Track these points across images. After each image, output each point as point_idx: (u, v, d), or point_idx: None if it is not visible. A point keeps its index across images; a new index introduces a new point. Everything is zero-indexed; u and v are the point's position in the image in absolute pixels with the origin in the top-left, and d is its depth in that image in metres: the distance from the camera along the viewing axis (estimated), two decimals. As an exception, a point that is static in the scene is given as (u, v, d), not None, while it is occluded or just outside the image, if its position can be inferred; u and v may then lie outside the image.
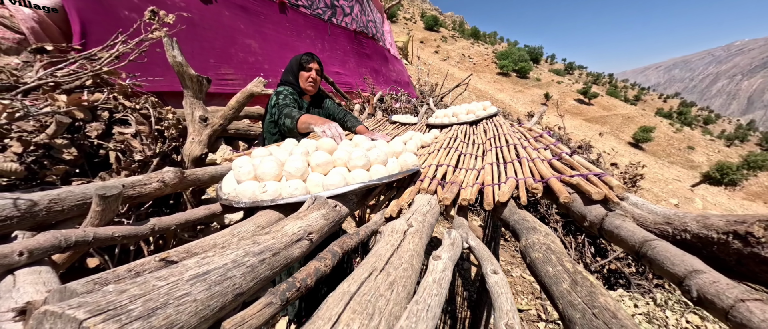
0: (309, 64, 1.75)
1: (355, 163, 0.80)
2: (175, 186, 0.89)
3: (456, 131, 1.75)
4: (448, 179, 0.94)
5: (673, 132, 42.34)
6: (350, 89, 4.43)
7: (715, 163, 27.61)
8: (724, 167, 24.98)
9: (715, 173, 25.07)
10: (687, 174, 27.24)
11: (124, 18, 2.13)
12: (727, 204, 18.79)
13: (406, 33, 30.86)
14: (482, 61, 41.29)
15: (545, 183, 0.72)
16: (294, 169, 0.75)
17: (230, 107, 1.41)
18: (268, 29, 3.39)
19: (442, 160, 1.12)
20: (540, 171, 0.81)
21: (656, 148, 36.66)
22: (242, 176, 0.78)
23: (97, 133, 1.05)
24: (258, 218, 0.64)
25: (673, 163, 32.13)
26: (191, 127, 1.35)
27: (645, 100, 71.67)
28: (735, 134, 54.54)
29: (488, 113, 2.05)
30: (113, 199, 0.59)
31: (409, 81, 7.05)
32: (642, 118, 42.58)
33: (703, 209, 15.11)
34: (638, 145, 34.23)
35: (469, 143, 1.48)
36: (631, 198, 0.59)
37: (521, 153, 1.01)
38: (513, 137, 1.31)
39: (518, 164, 0.93)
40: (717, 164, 25.95)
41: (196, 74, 1.32)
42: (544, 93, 36.84)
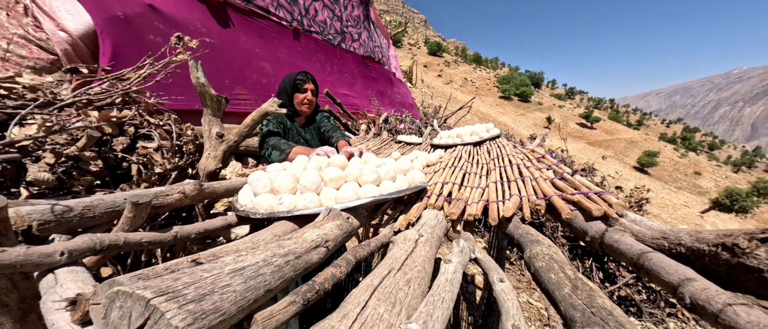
0: (304, 85, 1.71)
1: (365, 179, 0.85)
2: (193, 198, 0.94)
3: (460, 151, 1.80)
4: (454, 196, 0.97)
5: (679, 157, 42.07)
6: (357, 110, 4.57)
7: (723, 189, 27.16)
8: (733, 193, 24.52)
9: (724, 199, 24.58)
10: (695, 200, 26.73)
11: (149, 41, 2.29)
12: (739, 232, 18.17)
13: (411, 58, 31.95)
14: (484, 85, 42.23)
15: (548, 200, 0.76)
16: (309, 183, 0.79)
17: (245, 125, 1.48)
18: (281, 53, 3.58)
19: (448, 178, 1.16)
20: (542, 189, 0.84)
21: (662, 173, 36.28)
22: (260, 189, 0.83)
23: (122, 146, 1.12)
24: (275, 228, 0.68)
25: (680, 188, 31.64)
26: (208, 142, 1.41)
27: (647, 124, 71.92)
28: (742, 160, 53.95)
29: (491, 135, 2.11)
30: (144, 207, 0.63)
31: (413, 103, 7.24)
32: (646, 143, 42.52)
33: (715, 236, 14.66)
34: (644, 169, 33.96)
35: (473, 163, 1.53)
36: (629, 215, 0.62)
37: (524, 172, 1.05)
38: (516, 158, 1.35)
39: (522, 182, 0.96)
40: (726, 190, 25.50)
41: (216, 94, 1.41)
42: (546, 116, 37.22)
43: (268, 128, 1.64)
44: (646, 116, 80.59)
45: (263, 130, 1.66)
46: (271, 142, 1.56)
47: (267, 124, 1.66)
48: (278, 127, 1.70)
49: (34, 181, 0.87)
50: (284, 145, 1.50)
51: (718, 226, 16.95)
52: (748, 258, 0.36)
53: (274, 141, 1.55)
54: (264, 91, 3.25)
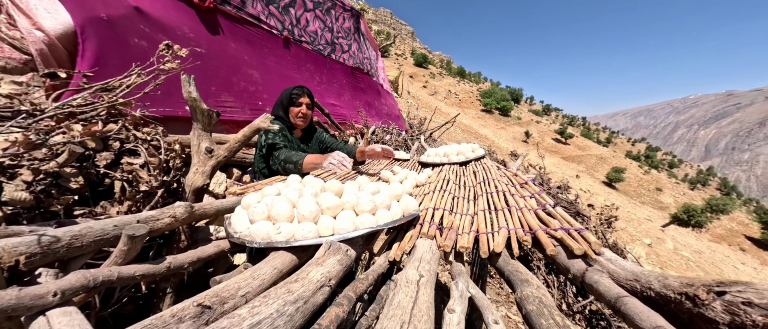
0: (299, 99, 1.80)
1: (362, 208, 0.87)
2: (184, 220, 0.92)
3: (447, 172, 1.87)
4: (445, 223, 1.01)
5: (643, 174, 45.16)
6: (344, 120, 4.59)
7: (681, 204, 29.37)
8: (690, 209, 26.61)
9: (682, 215, 26.60)
10: (657, 215, 28.71)
11: (133, 45, 2.21)
12: (695, 245, 19.74)
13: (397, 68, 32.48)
14: (467, 98, 43.60)
15: (533, 234, 0.81)
16: (307, 212, 0.80)
17: (236, 140, 1.46)
18: (270, 61, 3.55)
19: (438, 203, 1.20)
20: (528, 221, 0.90)
21: (628, 188, 38.74)
22: (256, 216, 0.83)
23: (106, 162, 1.07)
24: (274, 261, 0.68)
25: (644, 203, 33.91)
26: (196, 157, 1.38)
27: (615, 142, 76.92)
28: (697, 178, 58.83)
29: (476, 155, 2.20)
30: (140, 239, 0.62)
31: (399, 114, 7.36)
32: (614, 159, 45.40)
33: (675, 249, 15.81)
34: (612, 184, 36.06)
35: (461, 185, 1.59)
36: (606, 253, 0.68)
37: (510, 201, 1.11)
38: (501, 183, 1.42)
39: (508, 212, 1.02)
40: (684, 206, 27.63)
41: (207, 109, 1.39)
42: (524, 131, 38.87)
43: (274, 141, 1.63)
44: (614, 134, 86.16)
45: (269, 141, 1.65)
46: (281, 157, 1.57)
47: (273, 136, 1.65)
48: (282, 138, 1.70)
49: (9, 201, 0.82)
50: (296, 157, 1.54)
51: (677, 240, 18.25)
52: (706, 309, 0.42)
53: (285, 154, 1.57)
54: (251, 98, 3.20)
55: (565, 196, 3.91)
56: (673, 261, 13.50)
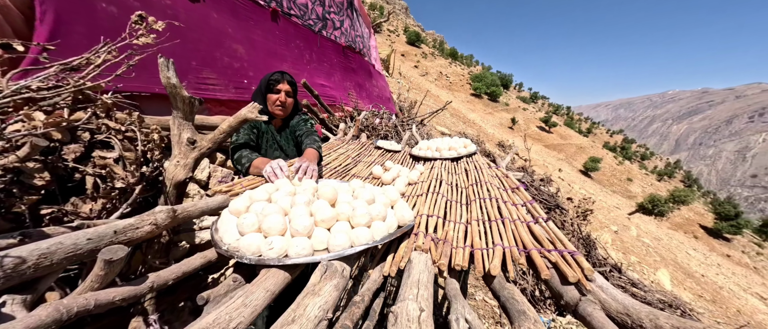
0: (277, 85, 1.63)
1: (358, 221, 0.84)
2: (166, 226, 0.86)
3: (439, 169, 1.86)
4: (439, 233, 1.01)
5: (617, 164, 47.48)
6: (334, 102, 4.44)
7: (648, 195, 31.43)
8: (655, 199, 28.55)
9: (647, 204, 28.54)
10: (625, 203, 30.65)
11: (101, 11, 1.97)
12: (655, 232, 21.40)
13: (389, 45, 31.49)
14: (458, 81, 43.30)
15: (527, 253, 0.82)
16: (301, 227, 0.77)
17: (221, 132, 1.37)
18: (256, 35, 3.31)
19: (432, 209, 1.19)
20: (522, 237, 0.91)
21: (602, 178, 40.77)
22: (246, 228, 0.78)
23: (75, 155, 0.98)
24: (266, 282, 0.65)
25: (615, 192, 35.99)
26: (177, 148, 1.29)
27: (595, 133, 79.86)
28: (665, 171, 62.65)
29: (468, 151, 2.19)
30: (118, 263, 0.57)
31: (390, 97, 7.21)
32: (592, 149, 47.30)
33: (637, 236, 17.09)
34: (587, 173, 37.79)
35: (453, 186, 1.59)
36: (597, 279, 0.70)
37: (504, 211, 1.12)
38: (493, 187, 1.43)
39: (502, 224, 1.03)
40: (649, 196, 29.59)
41: (189, 96, 1.28)
42: (510, 117, 39.42)
43: (236, 139, 1.56)
44: (595, 125, 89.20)
45: (233, 140, 1.57)
46: (235, 156, 1.52)
47: (237, 133, 1.56)
48: (250, 134, 1.61)
49: (-39, 204, 0.73)
50: (245, 160, 1.48)
51: (640, 227, 19.68)
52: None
53: (238, 155, 1.51)
54: (236, 76, 3.01)
55: (547, 189, 4.05)
56: (635, 247, 14.62)
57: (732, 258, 29.08)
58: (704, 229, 36.49)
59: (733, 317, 12.23)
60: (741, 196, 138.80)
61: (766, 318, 14.51)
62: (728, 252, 31.51)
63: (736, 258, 29.99)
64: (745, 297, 16.42)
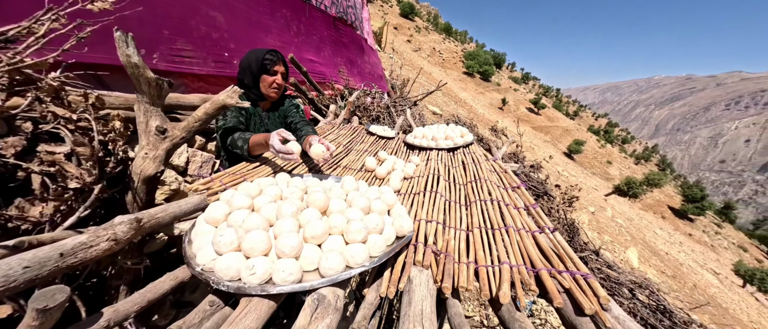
0: (274, 66, 1.49)
1: (353, 237, 0.75)
2: (129, 239, 0.74)
3: (436, 161, 1.77)
4: (438, 242, 0.94)
5: (599, 147, 49.05)
6: (323, 79, 4.19)
7: (625, 177, 32.97)
8: (631, 182, 30.00)
9: (623, 186, 30.00)
10: (603, 185, 32.08)
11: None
12: (628, 213, 22.69)
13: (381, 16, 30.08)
14: (451, 58, 42.38)
15: (536, 273, 0.77)
16: (289, 248, 0.67)
17: (196, 119, 1.21)
18: (237, 2, 2.97)
19: (430, 212, 1.12)
20: (529, 252, 0.85)
21: (584, 160, 42.19)
22: (223, 247, 0.68)
23: (15, 150, 0.82)
24: (246, 318, 0.56)
25: (594, 173, 37.49)
26: (144, 138, 1.13)
27: (581, 116, 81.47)
28: (642, 154, 65.38)
29: (465, 141, 2.11)
30: (57, 309, 0.46)
31: (382, 74, 6.92)
32: (577, 132, 48.44)
33: (612, 217, 18.06)
34: (571, 155, 38.94)
35: (451, 182, 1.51)
36: (613, 309, 0.65)
37: (507, 218, 1.05)
38: (493, 185, 1.36)
39: (506, 234, 0.96)
40: (626, 179, 31.04)
41: (156, 77, 1.10)
42: (501, 98, 39.41)
43: (224, 123, 1.39)
44: (582, 108, 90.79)
45: (220, 124, 1.41)
46: (227, 142, 1.35)
47: (224, 116, 1.40)
48: (239, 116, 1.45)
49: None
50: (241, 142, 1.33)
51: (615, 208, 20.77)
52: None
53: (231, 140, 1.35)
54: (215, 48, 2.73)
55: (537, 176, 4.08)
56: (609, 227, 15.49)
57: (693, 237, 31.44)
58: (672, 210, 39.00)
59: (689, 291, 13.40)
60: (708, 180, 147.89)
61: (717, 291, 15.96)
62: (690, 231, 34.01)
63: (697, 237, 32.46)
64: (701, 272, 17.94)
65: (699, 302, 11.07)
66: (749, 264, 25.36)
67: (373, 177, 1.52)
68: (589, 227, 12.80)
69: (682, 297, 8.22)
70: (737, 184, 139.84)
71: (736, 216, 49.17)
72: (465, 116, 12.29)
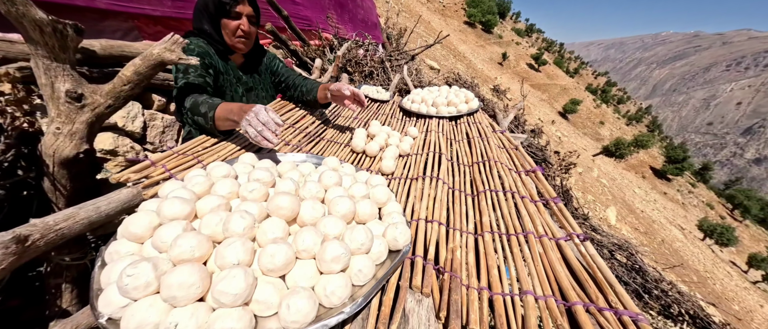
0: (236, 7, 1.13)
1: (330, 267, 0.54)
2: (5, 270, 0.51)
3: (436, 134, 1.52)
4: (441, 253, 0.75)
5: (594, 107, 48.74)
6: (309, 26, 3.64)
7: (614, 138, 33.43)
8: (619, 143, 30.53)
9: (612, 147, 30.59)
10: (593, 145, 32.60)
11: None
12: (612, 173, 23.49)
13: (378, -49, 26.56)
14: (452, 5, 39.05)
15: (569, 307, 0.59)
16: (230, 298, 0.46)
17: (125, 80, 0.90)
18: None
19: (430, 206, 0.91)
20: (556, 274, 0.67)
21: (577, 120, 42.20)
22: (134, 291, 0.46)
23: None
24: None
25: (585, 134, 37.82)
26: (53, 107, 0.84)
27: (581, 74, 79.33)
28: (635, 115, 65.65)
29: (470, 108, 1.84)
30: None
31: (377, 21, 6.17)
32: (575, 91, 47.56)
33: (597, 177, 18.64)
34: (565, 114, 38.76)
35: (454, 161, 1.29)
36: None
37: (525, 219, 0.86)
38: (504, 169, 1.15)
39: (525, 241, 0.78)
40: (615, 139, 31.52)
41: (51, 19, 0.76)
42: (502, 52, 37.56)
43: (185, 80, 1.07)
44: (583, 65, 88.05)
45: (179, 82, 1.09)
46: (187, 105, 1.04)
47: (185, 72, 1.08)
48: (204, 75, 1.12)
49: None
50: (205, 107, 1.00)
51: (600, 168, 21.36)
52: None
53: (192, 103, 1.03)
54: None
55: (537, 142, 3.90)
56: (593, 187, 16.06)
57: (667, 195, 33.30)
58: (652, 170, 40.59)
59: (658, 246, 14.51)
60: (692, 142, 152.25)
61: (681, 245, 17.36)
62: (666, 190, 35.89)
63: (671, 195, 34.39)
64: (669, 228, 19.32)
65: (668, 259, 12.02)
66: (713, 221, 27.44)
67: (361, 157, 1.28)
68: (575, 187, 13.18)
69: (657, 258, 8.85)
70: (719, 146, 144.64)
71: (711, 177, 51.75)
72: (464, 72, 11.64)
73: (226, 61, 1.26)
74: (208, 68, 1.13)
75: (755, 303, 13.50)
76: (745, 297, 14.01)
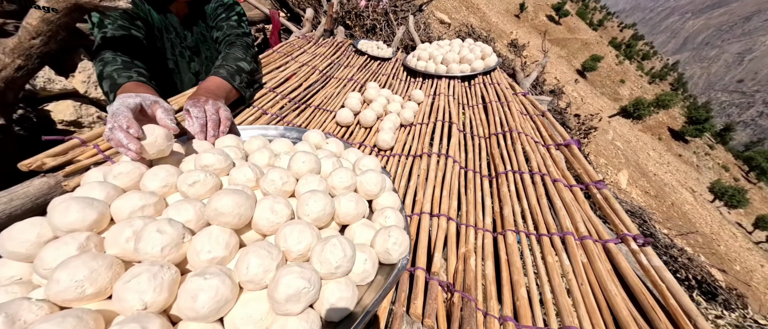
0: None
1: (285, 309, 0.37)
2: None
3: (445, 98, 1.27)
4: (450, 260, 0.58)
5: (616, 64, 45.48)
6: (301, -29, 3.14)
7: (634, 98, 31.59)
8: (639, 103, 28.89)
9: (630, 108, 29.05)
10: (610, 106, 31.02)
11: None
12: (627, 135, 22.63)
13: None
14: (466, -53, 34.94)
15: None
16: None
17: (31, 31, 0.68)
18: None
19: (437, 193, 0.72)
20: (608, 295, 0.49)
21: (596, 78, 39.71)
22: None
23: None
24: None
25: (603, 94, 35.78)
26: (-62, 70, 0.63)
27: (606, 26, 72.80)
28: (659, 73, 61.28)
29: (486, 66, 1.55)
30: None
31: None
32: (597, 46, 44.07)
33: (612, 139, 17.98)
34: (583, 72, 36.44)
35: (467, 132, 1.06)
36: None
37: (560, 213, 0.66)
38: (529, 142, 0.93)
39: (561, 244, 0.59)
40: (635, 100, 29.80)
41: None
42: (519, 2, 34.31)
43: (102, 34, 0.83)
44: (609, 17, 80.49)
45: (97, 35, 0.85)
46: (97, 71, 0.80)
47: (101, 25, 0.84)
48: (131, 27, 0.87)
49: None
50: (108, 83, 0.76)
51: (616, 130, 20.53)
52: None
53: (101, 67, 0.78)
54: None
55: (556, 103, 3.54)
56: (607, 150, 15.55)
57: (682, 157, 32.35)
58: (670, 131, 38.94)
59: (667, 209, 14.39)
60: (717, 101, 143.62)
61: (690, 208, 17.22)
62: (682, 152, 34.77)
63: (686, 158, 33.40)
64: (680, 191, 19.04)
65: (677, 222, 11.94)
66: (726, 183, 26.88)
67: (353, 128, 1.06)
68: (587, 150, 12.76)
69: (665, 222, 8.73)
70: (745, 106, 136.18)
71: (731, 138, 49.57)
72: (477, 25, 10.64)
73: (165, 14, 0.98)
74: (135, 19, 0.87)
75: (756, 263, 13.64)
76: (747, 257, 14.13)
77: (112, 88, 0.75)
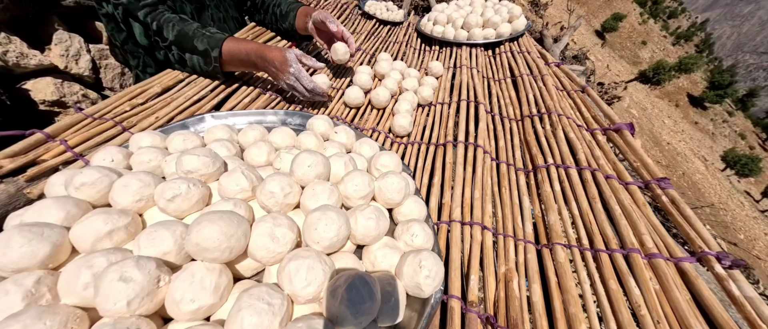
0: None
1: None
2: None
3: (467, 71, 1.11)
4: (488, 284, 0.48)
5: (639, 23, 42.21)
6: None
7: (655, 61, 29.70)
8: (660, 66, 27.18)
9: (650, 72, 27.43)
10: (627, 70, 29.33)
11: None
12: (644, 102, 21.69)
13: None
14: None
15: None
16: None
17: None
18: None
19: (468, 197, 0.61)
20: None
21: (615, 40, 37.17)
22: None
23: None
24: None
25: (622, 57, 33.64)
26: None
27: (632, -21, 66.43)
28: (685, 33, 56.89)
29: (514, 30, 1.34)
30: None
31: None
32: (620, 3, 40.60)
33: (627, 107, 17.27)
34: (603, 33, 34.08)
35: (496, 114, 0.92)
36: None
37: (620, 222, 0.55)
38: (572, 126, 0.79)
39: (626, 264, 0.49)
40: (656, 63, 28.02)
41: None
42: (539, -47, 31.06)
43: None
44: (636, -32, 73.13)
45: None
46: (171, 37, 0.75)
47: None
48: None
49: None
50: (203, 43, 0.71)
51: (632, 97, 19.62)
52: None
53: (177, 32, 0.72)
54: None
55: (588, 73, 3.26)
56: (623, 118, 15.02)
57: (698, 125, 31.28)
58: (689, 97, 37.16)
59: (678, 179, 14.19)
60: (745, 64, 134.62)
61: (701, 177, 16.98)
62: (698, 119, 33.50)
63: (702, 125, 32.29)
64: (692, 160, 18.68)
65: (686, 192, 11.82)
66: (740, 151, 26.06)
67: (364, 110, 0.92)
68: (600, 119, 12.33)
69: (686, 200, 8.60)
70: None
71: (754, 104, 47.15)
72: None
73: None
74: None
75: (760, 232, 13.66)
76: (752, 226, 14.14)
77: (213, 43, 0.72)
